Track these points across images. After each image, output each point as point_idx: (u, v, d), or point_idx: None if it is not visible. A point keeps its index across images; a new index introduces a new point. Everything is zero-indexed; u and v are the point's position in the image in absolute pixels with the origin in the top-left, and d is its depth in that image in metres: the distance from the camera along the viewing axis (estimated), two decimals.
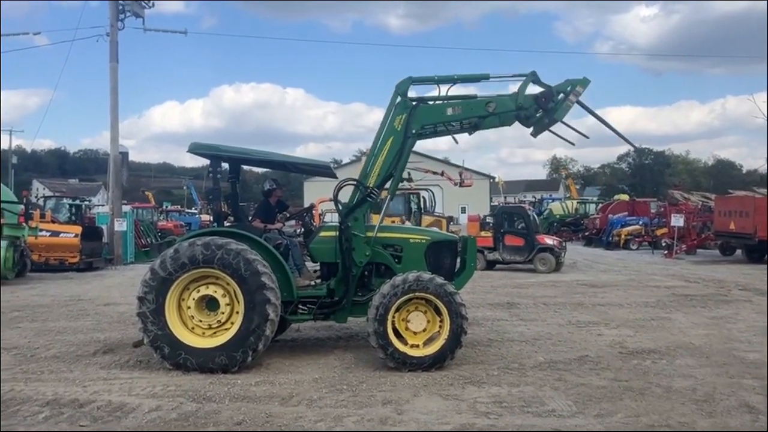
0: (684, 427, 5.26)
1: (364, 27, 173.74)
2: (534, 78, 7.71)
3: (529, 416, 5.54)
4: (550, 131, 7.98)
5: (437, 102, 7.74)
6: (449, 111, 7.67)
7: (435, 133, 7.99)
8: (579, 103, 7.78)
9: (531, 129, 7.95)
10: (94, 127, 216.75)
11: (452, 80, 7.76)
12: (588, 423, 5.33)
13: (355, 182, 7.74)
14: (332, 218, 30.05)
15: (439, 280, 7.09)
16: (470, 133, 8.07)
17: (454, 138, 8.22)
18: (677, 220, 24.08)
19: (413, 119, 7.58)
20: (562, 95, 7.68)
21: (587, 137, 8.35)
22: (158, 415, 5.53)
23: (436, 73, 7.83)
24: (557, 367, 7.28)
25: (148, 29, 25.64)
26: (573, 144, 8.55)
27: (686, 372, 7.04)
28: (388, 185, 7.88)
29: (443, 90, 7.74)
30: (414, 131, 7.60)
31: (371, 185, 7.62)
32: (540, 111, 7.73)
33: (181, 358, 6.90)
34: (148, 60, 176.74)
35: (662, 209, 30.59)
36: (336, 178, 8.75)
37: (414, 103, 7.62)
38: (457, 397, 6.07)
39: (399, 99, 7.65)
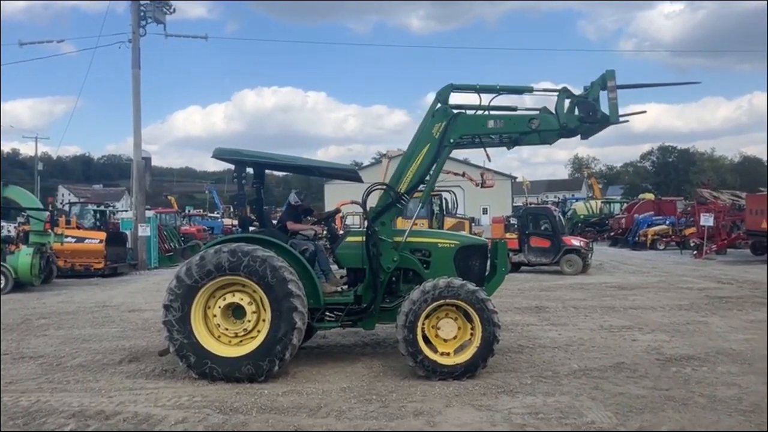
0: None
1: (386, 29, 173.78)
2: (567, 94, 7.46)
3: (568, 428, 5.31)
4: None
5: (479, 112, 7.49)
6: (490, 123, 7.42)
7: (473, 144, 7.81)
8: (619, 88, 7.39)
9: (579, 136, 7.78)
10: (119, 133, 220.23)
11: (495, 90, 7.51)
12: None
13: (385, 187, 7.58)
14: (353, 221, 30.04)
15: (471, 286, 6.89)
16: (509, 148, 7.88)
17: (486, 153, 8.03)
18: (707, 220, 23.53)
19: (452, 128, 7.35)
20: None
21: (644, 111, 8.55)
22: (185, 428, 5.41)
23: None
24: (593, 374, 7.04)
25: (170, 35, 25.81)
26: (645, 111, 8.62)
27: (729, 380, 6.75)
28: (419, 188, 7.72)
29: (484, 100, 7.49)
30: (452, 140, 7.41)
31: (402, 191, 7.46)
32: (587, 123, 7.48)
33: (207, 368, 6.78)
34: (172, 66, 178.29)
35: (689, 208, 29.99)
36: (362, 181, 8.60)
37: (455, 111, 7.41)
38: (490, 408, 5.86)
39: (439, 106, 7.44)
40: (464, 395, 6.26)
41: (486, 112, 7.48)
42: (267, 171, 9.35)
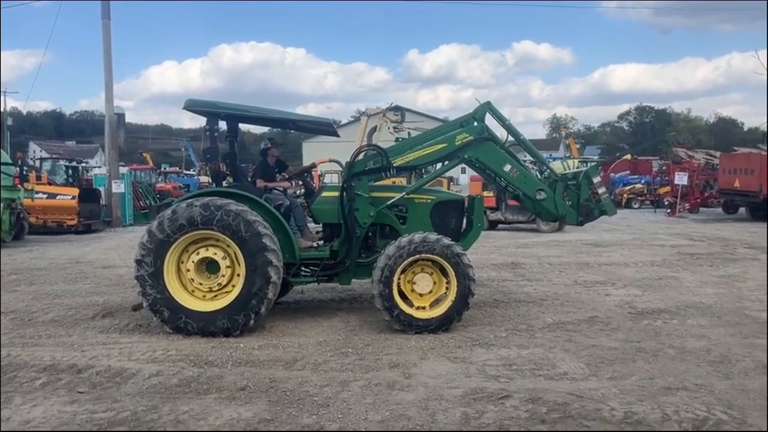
0: (701, 389, 5.11)
1: None
2: (564, 185, 7.73)
3: (541, 379, 5.39)
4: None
5: (502, 151, 7.64)
6: (507, 167, 7.57)
7: (481, 171, 7.94)
8: (598, 169, 8.03)
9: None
10: (92, 89, 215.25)
11: (518, 138, 7.82)
12: (602, 386, 5.18)
13: (381, 152, 7.49)
14: (332, 180, 29.86)
15: (446, 241, 6.88)
16: (508, 197, 7.98)
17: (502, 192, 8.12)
18: (681, 179, 23.84)
19: (474, 147, 7.49)
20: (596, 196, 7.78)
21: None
22: (159, 381, 5.37)
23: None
24: (566, 328, 7.14)
25: None
26: None
27: (699, 332, 6.90)
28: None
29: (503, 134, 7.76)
30: (466, 156, 7.52)
31: (395, 164, 7.47)
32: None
33: (181, 322, 6.73)
34: (147, 19, 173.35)
35: (664, 168, 30.30)
36: (337, 135, 8.47)
37: (487, 136, 7.55)
38: (465, 360, 5.92)
39: (473, 119, 7.59)
40: (439, 348, 6.31)
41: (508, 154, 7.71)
42: (245, 127, 9.16)
